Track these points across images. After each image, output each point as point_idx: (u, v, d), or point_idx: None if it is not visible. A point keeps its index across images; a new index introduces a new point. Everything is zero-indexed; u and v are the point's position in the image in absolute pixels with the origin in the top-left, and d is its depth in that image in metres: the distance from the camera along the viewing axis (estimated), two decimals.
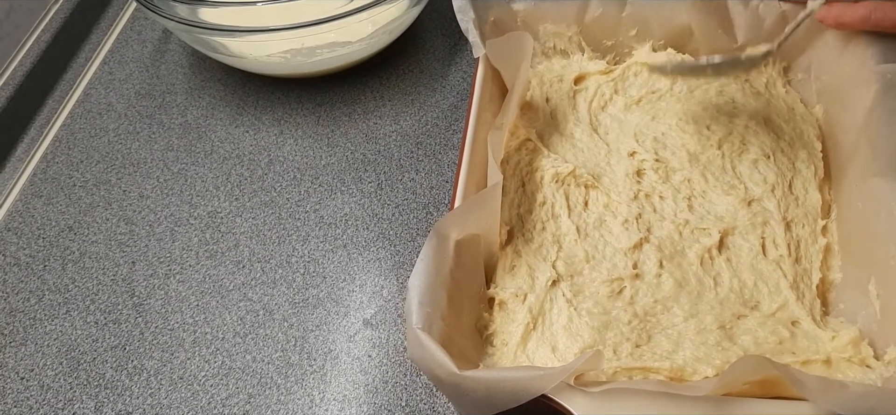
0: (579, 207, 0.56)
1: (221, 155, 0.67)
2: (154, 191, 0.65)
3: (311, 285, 0.57)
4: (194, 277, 0.58)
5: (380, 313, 0.56)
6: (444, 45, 0.75)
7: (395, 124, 0.69)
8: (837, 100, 0.60)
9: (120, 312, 0.57)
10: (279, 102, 0.71)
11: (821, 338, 0.49)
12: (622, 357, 0.48)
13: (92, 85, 0.74)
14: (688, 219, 0.55)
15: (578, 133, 0.61)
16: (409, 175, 0.64)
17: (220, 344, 0.54)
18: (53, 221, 0.63)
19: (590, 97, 0.63)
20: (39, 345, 0.55)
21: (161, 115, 0.71)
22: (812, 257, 0.54)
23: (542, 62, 0.67)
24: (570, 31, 0.66)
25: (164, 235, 0.61)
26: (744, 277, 0.52)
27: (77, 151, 0.68)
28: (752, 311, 0.51)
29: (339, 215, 0.62)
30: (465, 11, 0.59)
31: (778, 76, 0.65)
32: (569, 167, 0.57)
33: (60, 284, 0.58)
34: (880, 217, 0.50)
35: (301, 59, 0.67)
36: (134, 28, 0.81)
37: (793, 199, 0.56)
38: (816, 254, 0.54)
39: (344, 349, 0.54)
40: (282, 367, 0.53)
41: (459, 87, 0.71)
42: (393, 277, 0.58)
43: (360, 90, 0.72)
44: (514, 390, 0.40)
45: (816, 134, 0.61)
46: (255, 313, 0.56)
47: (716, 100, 0.62)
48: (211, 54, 0.70)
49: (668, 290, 0.51)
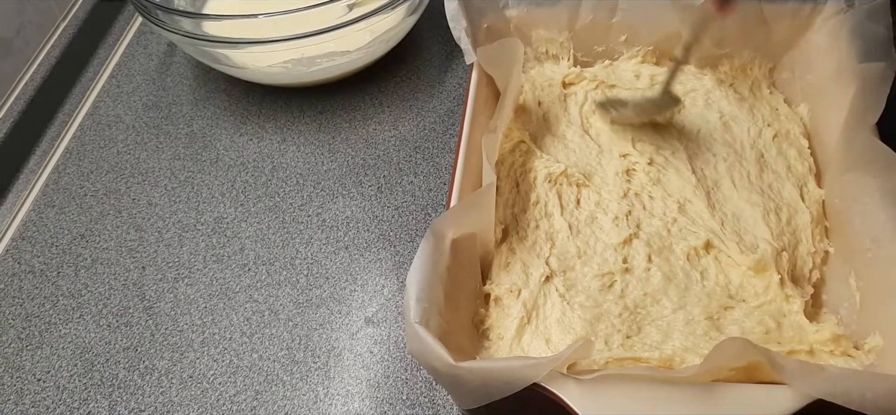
0: (571, 206, 0.58)
1: (226, 163, 0.69)
2: (162, 199, 0.67)
3: (314, 286, 0.59)
4: (202, 280, 0.61)
5: (381, 311, 0.58)
6: (440, 53, 0.78)
7: (394, 130, 0.71)
8: (821, 98, 0.61)
9: (131, 315, 0.59)
10: (281, 111, 0.73)
11: (807, 329, 0.51)
12: (613, 348, 0.50)
13: (100, 98, 0.77)
14: (676, 218, 0.57)
15: (570, 134, 0.63)
16: (407, 178, 0.67)
17: (227, 344, 0.56)
18: (66, 229, 0.65)
19: (580, 101, 0.65)
20: (55, 348, 0.57)
21: (168, 125, 0.73)
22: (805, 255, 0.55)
23: (534, 67, 0.69)
24: (562, 36, 0.68)
25: (173, 240, 0.64)
26: (731, 275, 0.54)
27: (87, 161, 0.71)
28: (739, 303, 0.53)
29: (340, 218, 0.64)
30: (457, 20, 0.62)
31: (763, 78, 0.66)
32: (561, 167, 0.59)
33: (74, 289, 0.61)
34: (854, 211, 0.52)
35: (301, 68, 0.70)
36: (140, 42, 0.83)
37: (784, 202, 0.58)
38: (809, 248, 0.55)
39: (347, 346, 0.56)
40: (287, 364, 0.55)
41: (456, 93, 0.73)
42: (393, 277, 0.60)
43: (360, 97, 0.74)
44: (507, 380, 0.42)
45: (802, 131, 0.62)
46: (260, 314, 0.58)
47: (704, 112, 0.64)
48: (215, 66, 0.72)
49: (656, 283, 0.53)
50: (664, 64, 0.68)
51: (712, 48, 0.66)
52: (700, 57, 0.67)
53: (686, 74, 0.67)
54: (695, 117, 0.64)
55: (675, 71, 0.61)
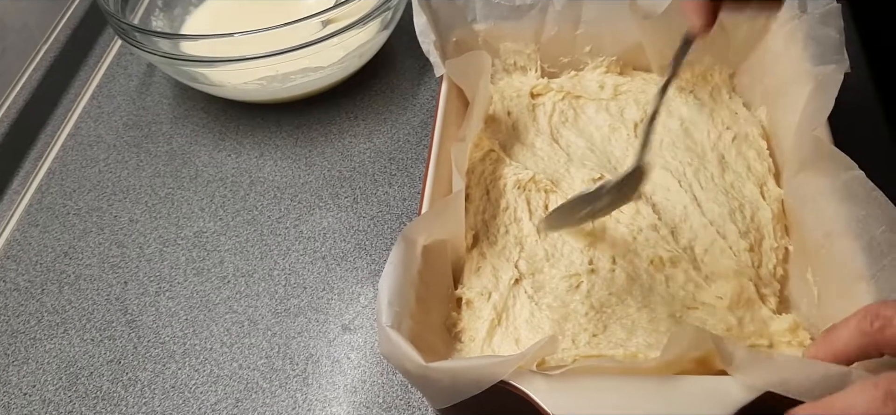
0: (540, 211, 0.60)
1: (205, 178, 0.71)
2: (143, 215, 0.68)
3: (292, 296, 0.61)
4: (183, 293, 0.62)
5: (357, 319, 0.59)
6: (413, 66, 0.80)
7: (369, 142, 0.73)
8: (779, 101, 0.63)
9: (114, 328, 0.60)
10: (259, 127, 0.75)
11: (767, 321, 0.53)
12: (580, 346, 0.51)
13: (82, 119, 0.78)
14: (642, 228, 0.58)
15: (539, 143, 0.65)
16: (382, 189, 0.68)
17: (208, 354, 0.58)
18: (50, 247, 0.67)
19: (549, 112, 0.68)
20: (40, 363, 0.59)
21: (148, 143, 0.75)
22: (769, 251, 0.57)
23: (503, 78, 0.71)
24: (529, 48, 0.70)
25: (154, 255, 0.65)
26: (699, 293, 0.55)
27: (70, 181, 0.72)
28: (702, 305, 0.55)
29: (317, 229, 0.66)
30: (426, 34, 0.64)
31: (723, 84, 0.69)
32: (529, 174, 0.61)
33: (58, 305, 0.62)
34: (807, 209, 0.54)
35: (277, 85, 0.71)
36: (120, 63, 0.85)
37: (746, 200, 0.60)
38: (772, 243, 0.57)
39: (324, 353, 0.58)
40: (266, 372, 0.57)
41: (429, 105, 0.75)
42: (369, 285, 0.62)
43: (336, 112, 0.76)
44: (475, 378, 0.43)
45: (761, 133, 0.65)
46: (240, 324, 0.60)
47: (666, 121, 0.66)
48: (193, 84, 0.74)
49: (621, 283, 0.55)
50: (628, 74, 0.70)
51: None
52: (662, 66, 0.69)
53: (648, 83, 0.69)
54: (657, 127, 0.65)
55: (650, 130, 0.52)
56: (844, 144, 0.56)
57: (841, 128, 0.56)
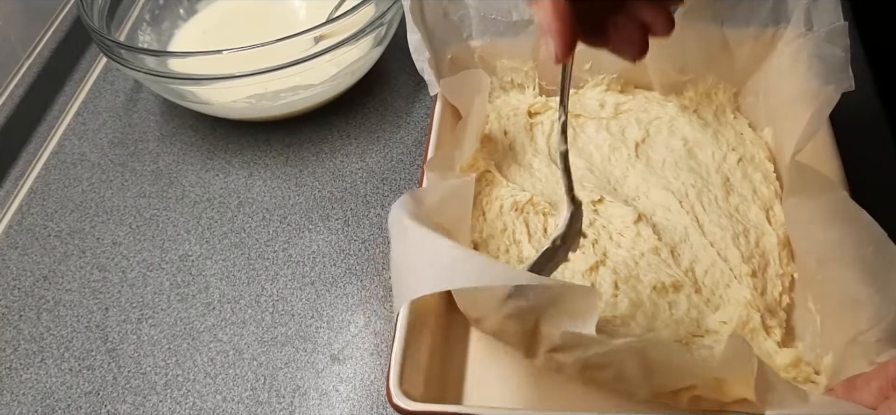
0: (539, 233, 0.58)
1: (192, 199, 0.69)
2: (126, 237, 0.66)
3: (279, 323, 0.59)
4: (166, 320, 0.60)
5: (347, 348, 0.57)
6: (407, 83, 0.77)
7: (362, 162, 0.70)
8: (784, 121, 0.62)
9: (94, 358, 0.58)
10: (248, 145, 0.73)
11: (772, 354, 0.51)
12: None
13: (66, 136, 0.76)
14: (644, 253, 0.56)
15: (537, 163, 0.63)
16: (375, 210, 0.66)
17: (191, 386, 0.56)
18: (29, 271, 0.64)
19: (547, 131, 0.66)
20: (15, 394, 0.56)
21: (133, 162, 0.73)
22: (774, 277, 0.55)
23: (500, 96, 0.69)
24: (526, 66, 0.68)
25: (137, 280, 0.63)
26: (703, 320, 0.53)
27: (51, 201, 0.70)
28: (707, 332, 0.53)
29: (307, 253, 0.63)
30: (420, 51, 0.62)
31: (727, 103, 0.67)
32: (527, 196, 0.59)
33: (36, 333, 0.60)
34: (799, 234, 0.53)
35: (266, 103, 0.69)
36: (107, 79, 0.82)
37: (751, 224, 0.58)
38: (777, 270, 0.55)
39: (312, 385, 0.55)
40: (251, 406, 0.54)
41: (423, 123, 0.73)
42: (360, 312, 0.59)
43: (328, 130, 0.74)
44: None
45: (767, 155, 0.63)
46: (225, 354, 0.57)
47: (668, 140, 0.64)
48: (180, 102, 0.72)
49: (624, 308, 0.53)
50: (629, 92, 0.68)
51: (675, 75, 0.66)
52: (664, 84, 0.67)
53: (650, 101, 0.67)
54: (659, 146, 0.64)
55: (566, 164, 0.50)
56: (851, 161, 0.54)
57: (848, 146, 0.55)
